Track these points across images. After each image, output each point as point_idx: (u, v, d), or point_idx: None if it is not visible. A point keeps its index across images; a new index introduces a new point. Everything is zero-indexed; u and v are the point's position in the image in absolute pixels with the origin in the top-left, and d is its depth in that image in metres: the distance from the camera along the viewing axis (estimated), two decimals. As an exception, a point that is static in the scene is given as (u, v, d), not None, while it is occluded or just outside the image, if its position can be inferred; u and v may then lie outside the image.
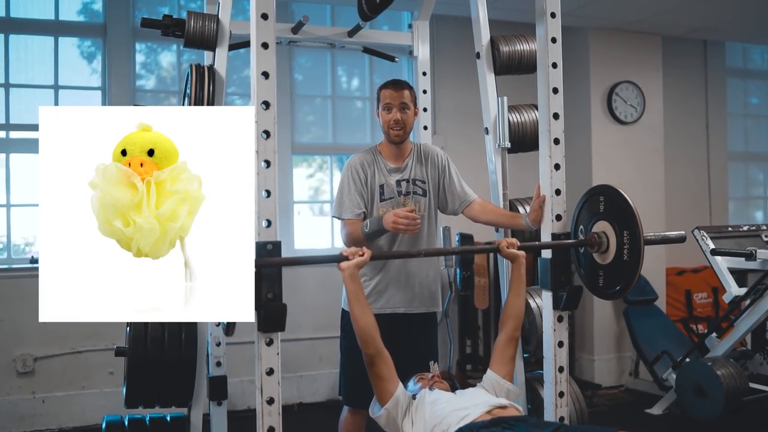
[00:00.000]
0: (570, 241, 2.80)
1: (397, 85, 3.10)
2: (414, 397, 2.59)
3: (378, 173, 3.13)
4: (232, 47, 3.22)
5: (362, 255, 2.54)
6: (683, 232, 2.83)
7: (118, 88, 4.92)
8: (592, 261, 2.76)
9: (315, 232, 5.58)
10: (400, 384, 2.59)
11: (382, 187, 3.11)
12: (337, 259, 2.57)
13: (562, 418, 2.75)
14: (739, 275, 4.79)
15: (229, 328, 2.48)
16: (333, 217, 3.19)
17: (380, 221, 2.90)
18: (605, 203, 2.71)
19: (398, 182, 3.13)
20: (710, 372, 4.13)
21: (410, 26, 4.05)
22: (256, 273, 2.24)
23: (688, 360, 4.57)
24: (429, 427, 2.43)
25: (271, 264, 2.25)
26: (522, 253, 2.77)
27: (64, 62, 4.92)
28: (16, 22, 4.84)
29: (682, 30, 5.94)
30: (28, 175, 4.89)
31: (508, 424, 2.24)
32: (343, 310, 3.18)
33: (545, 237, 2.82)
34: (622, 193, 2.65)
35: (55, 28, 4.89)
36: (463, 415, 2.35)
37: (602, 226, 2.70)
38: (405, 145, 3.17)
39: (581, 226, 2.80)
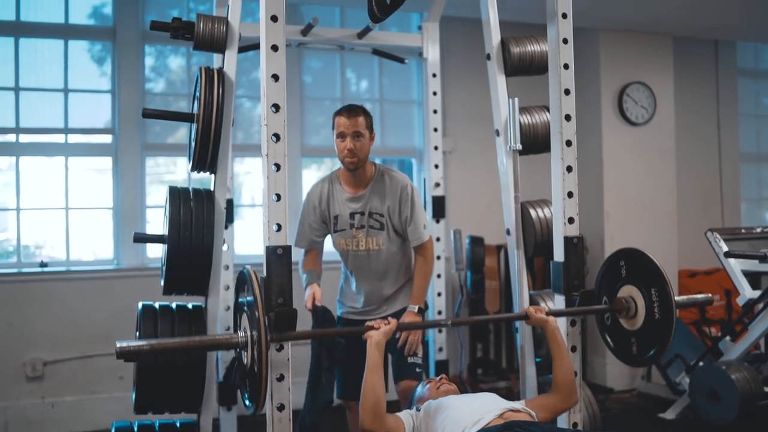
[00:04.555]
0: (597, 307, 2.76)
1: (352, 111, 3.07)
2: (418, 410, 2.56)
3: (333, 204, 3.14)
4: (241, 50, 3.21)
5: (388, 324, 2.54)
6: (710, 295, 2.83)
7: (128, 92, 4.91)
8: (621, 330, 2.70)
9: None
10: (402, 418, 2.53)
11: (336, 218, 3.15)
12: (363, 331, 2.56)
13: (575, 424, 2.71)
14: (753, 278, 4.74)
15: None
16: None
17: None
18: (627, 267, 2.68)
19: (351, 215, 3.12)
20: (724, 376, 4.08)
21: (420, 28, 4.04)
22: (266, 278, 2.22)
23: (701, 364, 4.52)
24: (440, 430, 2.40)
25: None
26: (551, 318, 2.67)
27: (74, 65, 4.93)
28: (26, 26, 4.84)
29: (693, 30, 5.89)
30: (38, 179, 4.89)
31: (522, 429, 2.21)
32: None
33: (557, 239, 2.78)
34: (645, 252, 2.62)
35: (64, 31, 4.89)
36: (477, 419, 2.33)
37: (627, 291, 2.67)
38: (364, 172, 3.13)
39: (604, 297, 2.75)
